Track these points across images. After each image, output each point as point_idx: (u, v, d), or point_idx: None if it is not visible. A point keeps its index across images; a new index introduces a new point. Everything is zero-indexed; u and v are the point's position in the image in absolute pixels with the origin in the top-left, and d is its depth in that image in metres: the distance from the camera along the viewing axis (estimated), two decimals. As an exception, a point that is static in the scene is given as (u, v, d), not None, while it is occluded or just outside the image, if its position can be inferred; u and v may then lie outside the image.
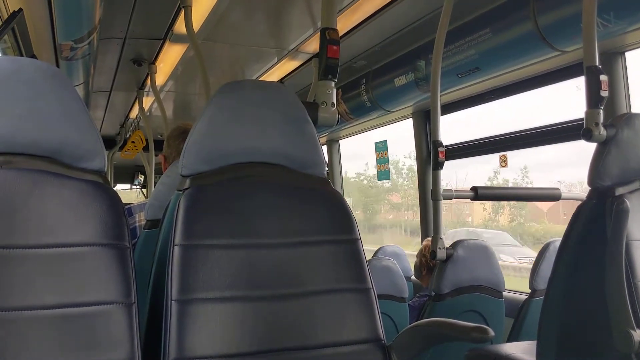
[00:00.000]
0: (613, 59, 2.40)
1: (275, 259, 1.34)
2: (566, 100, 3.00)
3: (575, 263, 1.60)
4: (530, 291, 2.49)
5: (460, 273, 2.37)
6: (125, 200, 1.57)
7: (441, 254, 2.36)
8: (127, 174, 7.29)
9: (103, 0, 2.44)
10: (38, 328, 1.11)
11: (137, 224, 2.15)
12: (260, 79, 3.77)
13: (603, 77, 1.62)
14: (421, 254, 2.95)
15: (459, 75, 2.70)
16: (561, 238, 1.67)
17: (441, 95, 2.53)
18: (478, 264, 2.41)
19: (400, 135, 3.99)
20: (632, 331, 1.41)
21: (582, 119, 1.64)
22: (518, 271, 5.62)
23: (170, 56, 3.46)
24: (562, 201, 2.52)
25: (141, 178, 7.16)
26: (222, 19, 2.87)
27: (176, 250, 1.25)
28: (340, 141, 4.82)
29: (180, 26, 2.87)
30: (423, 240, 3.31)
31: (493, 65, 2.56)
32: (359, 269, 1.40)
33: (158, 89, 3.81)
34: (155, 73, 3.63)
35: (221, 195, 1.35)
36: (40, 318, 1.11)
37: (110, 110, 4.99)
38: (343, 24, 2.83)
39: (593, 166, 1.61)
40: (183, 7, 2.61)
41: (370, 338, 1.36)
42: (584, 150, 1.67)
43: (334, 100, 1.62)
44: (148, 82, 3.84)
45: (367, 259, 1.50)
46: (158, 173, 4.61)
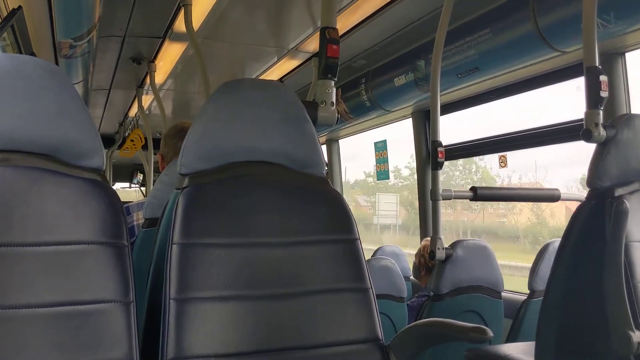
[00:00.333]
0: (613, 60, 2.40)
1: (274, 258, 1.34)
2: (566, 100, 2.99)
3: (574, 264, 1.60)
4: (529, 292, 2.49)
5: (459, 273, 2.37)
6: (124, 199, 1.57)
7: (440, 254, 2.36)
8: (126, 173, 7.28)
9: (103, -2, 2.44)
10: (36, 326, 1.10)
11: (135, 223, 2.15)
12: (260, 78, 3.77)
13: (603, 78, 1.61)
14: (420, 254, 2.94)
15: (459, 75, 2.69)
16: (560, 239, 1.67)
17: (441, 95, 2.52)
18: (477, 264, 2.41)
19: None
20: (631, 332, 1.41)
21: (582, 120, 1.64)
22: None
23: (169, 54, 3.45)
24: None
25: (140, 177, 7.16)
26: (222, 18, 2.87)
27: (174, 249, 1.25)
28: (344, 139, 4.81)
29: (180, 24, 2.87)
30: (421, 240, 3.31)
31: (493, 65, 2.56)
32: (358, 269, 1.39)
33: (157, 88, 3.81)
34: (154, 71, 3.63)
35: (220, 194, 1.34)
36: (38, 316, 1.11)
37: (109, 108, 4.99)
38: (343, 24, 2.83)
39: (592, 167, 1.60)
40: (183, 6, 2.62)
41: (368, 338, 1.36)
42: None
43: (334, 99, 1.62)
44: (147, 81, 3.83)
45: (366, 259, 1.50)
46: (157, 172, 4.59)
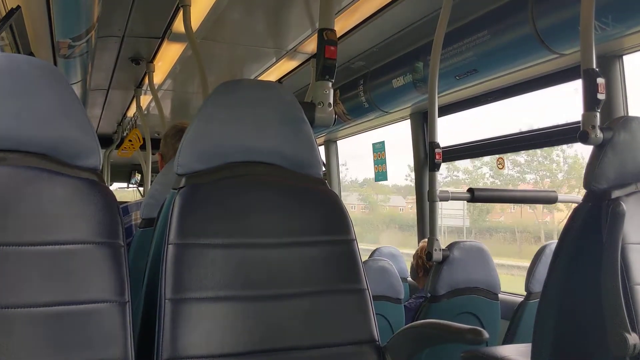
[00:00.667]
0: (611, 62, 2.41)
1: (270, 259, 1.33)
2: (564, 102, 3.00)
3: (570, 266, 1.60)
4: (526, 294, 2.49)
5: (456, 275, 2.37)
6: (122, 200, 1.57)
7: (437, 256, 2.36)
8: (124, 173, 7.28)
9: (101, -2, 2.44)
10: (31, 326, 1.10)
11: (133, 223, 2.15)
12: (258, 79, 3.77)
13: (600, 80, 1.62)
14: (417, 256, 2.95)
15: (457, 77, 2.70)
16: (557, 241, 1.67)
17: (439, 96, 2.52)
18: (474, 266, 2.41)
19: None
20: (627, 334, 1.41)
21: (579, 122, 1.64)
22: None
23: (168, 55, 3.45)
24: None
25: (138, 177, 7.16)
26: (221, 19, 2.87)
27: (170, 249, 1.25)
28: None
29: (178, 25, 2.86)
30: (419, 241, 3.31)
31: (491, 67, 2.56)
32: (355, 270, 1.39)
33: (156, 88, 3.81)
34: (153, 72, 3.63)
35: (217, 194, 1.34)
36: (33, 316, 1.11)
37: (107, 108, 4.99)
38: (342, 25, 2.83)
39: (589, 169, 1.61)
40: (182, 6, 2.61)
41: (364, 339, 1.36)
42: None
43: (331, 100, 1.62)
44: (146, 81, 3.83)
45: (364, 260, 1.50)
46: (155, 172, 4.60)
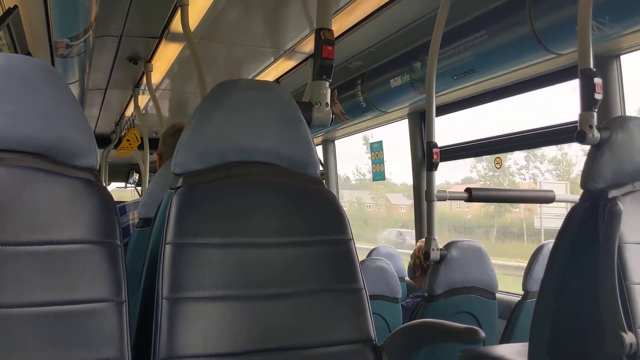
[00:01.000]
0: (608, 62, 2.41)
1: (267, 259, 1.34)
2: (561, 102, 3.00)
3: (567, 265, 1.60)
4: (523, 293, 2.49)
5: (453, 274, 2.37)
6: (120, 199, 1.56)
7: (434, 255, 2.36)
8: (122, 173, 7.28)
9: (99, -3, 2.44)
10: (28, 326, 1.10)
11: (130, 222, 2.14)
12: (255, 79, 3.77)
13: (597, 80, 1.62)
14: (415, 255, 2.95)
15: (455, 76, 2.70)
16: (554, 240, 1.67)
17: (436, 96, 2.53)
18: (471, 266, 2.41)
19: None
20: (624, 334, 1.41)
21: (576, 122, 1.64)
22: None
23: (166, 55, 3.45)
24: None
25: (136, 176, 7.15)
26: (219, 18, 2.87)
27: (168, 248, 1.25)
28: (336, 140, 4.81)
29: (176, 25, 2.86)
30: (417, 241, 3.32)
31: (488, 67, 2.57)
32: (351, 269, 1.39)
33: (154, 88, 3.81)
34: (151, 71, 3.63)
35: (214, 193, 1.34)
36: (30, 316, 1.11)
37: (105, 108, 4.99)
38: (339, 25, 2.83)
39: (586, 168, 1.61)
40: (179, 6, 2.61)
41: (361, 338, 1.36)
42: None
43: (328, 100, 1.62)
44: (144, 81, 3.83)
45: (361, 260, 1.50)
46: (153, 171, 4.60)
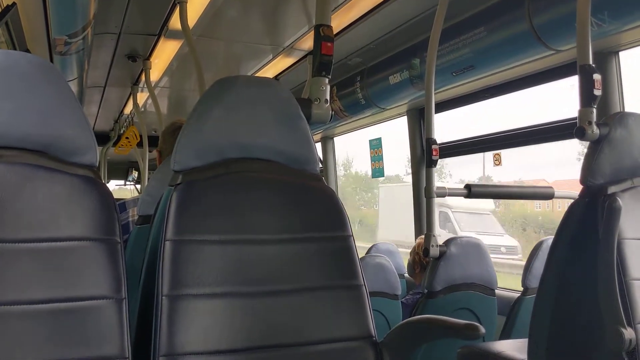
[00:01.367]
0: (607, 58, 2.41)
1: (267, 255, 1.34)
2: (560, 98, 3.00)
3: (567, 261, 1.61)
4: (522, 289, 2.49)
5: (453, 271, 2.37)
6: (119, 197, 1.56)
7: (434, 252, 2.36)
8: (121, 170, 7.28)
9: (98, -5, 2.43)
10: (28, 323, 1.10)
11: (130, 219, 2.14)
12: (255, 76, 3.77)
13: (596, 76, 1.62)
14: (414, 252, 2.95)
15: (454, 73, 2.70)
16: (553, 236, 1.67)
17: (436, 93, 2.52)
18: (471, 262, 2.42)
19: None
20: (623, 329, 1.41)
21: (576, 118, 1.64)
22: None
23: (165, 52, 3.45)
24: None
25: (135, 174, 7.15)
26: (217, 15, 2.87)
27: (167, 245, 1.25)
28: (335, 137, 4.82)
29: (175, 22, 2.86)
30: (416, 237, 3.32)
31: (488, 63, 2.57)
32: (351, 266, 1.40)
33: (152, 85, 3.80)
34: (149, 69, 3.62)
35: (213, 190, 1.34)
36: (30, 313, 1.11)
37: (104, 105, 4.98)
38: (338, 22, 2.83)
39: (586, 165, 1.61)
40: (178, 3, 2.61)
41: (361, 335, 1.36)
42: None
43: (328, 96, 1.62)
44: (142, 78, 3.83)
45: (361, 256, 1.50)
46: (152, 169, 4.60)
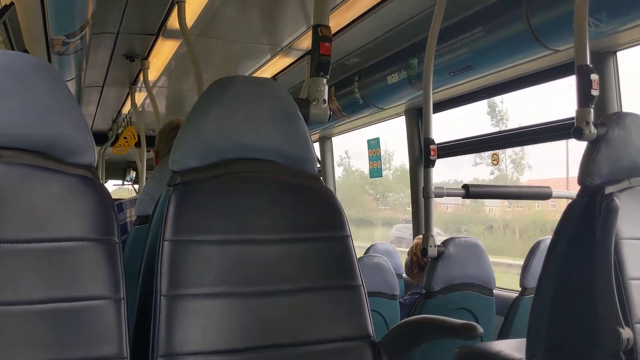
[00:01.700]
0: (605, 59, 2.42)
1: (266, 256, 1.34)
2: (558, 98, 3.00)
3: (565, 261, 1.61)
4: (520, 289, 2.50)
5: (451, 271, 2.37)
6: (117, 197, 1.56)
7: (432, 252, 2.36)
8: (119, 170, 7.27)
9: (96, -6, 2.43)
10: (26, 323, 1.10)
11: (128, 220, 2.14)
12: (253, 76, 3.77)
13: (594, 76, 1.62)
14: (412, 252, 2.95)
15: (452, 73, 2.70)
16: (551, 236, 1.67)
17: (433, 93, 2.53)
18: (469, 262, 2.42)
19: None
20: (621, 329, 1.42)
21: (573, 118, 1.64)
22: None
23: (163, 52, 3.45)
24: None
25: (133, 174, 7.14)
26: (216, 15, 2.87)
27: (166, 245, 1.25)
28: (333, 137, 4.82)
29: (173, 22, 2.86)
30: (414, 237, 3.32)
31: (485, 63, 2.57)
32: (349, 266, 1.40)
33: (151, 85, 3.80)
34: (148, 69, 3.62)
35: (212, 190, 1.34)
36: (28, 313, 1.11)
37: (102, 105, 4.98)
38: (336, 22, 2.83)
39: (583, 165, 1.61)
40: (176, 3, 2.61)
41: (359, 335, 1.36)
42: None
43: (326, 97, 1.62)
44: (141, 78, 3.82)
45: (359, 256, 1.50)
46: (150, 169, 4.59)
